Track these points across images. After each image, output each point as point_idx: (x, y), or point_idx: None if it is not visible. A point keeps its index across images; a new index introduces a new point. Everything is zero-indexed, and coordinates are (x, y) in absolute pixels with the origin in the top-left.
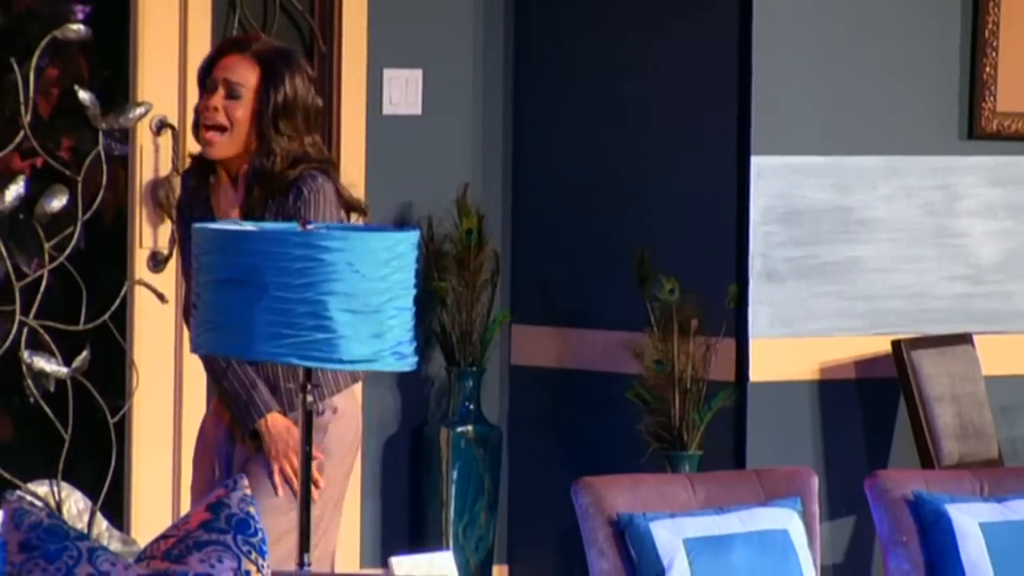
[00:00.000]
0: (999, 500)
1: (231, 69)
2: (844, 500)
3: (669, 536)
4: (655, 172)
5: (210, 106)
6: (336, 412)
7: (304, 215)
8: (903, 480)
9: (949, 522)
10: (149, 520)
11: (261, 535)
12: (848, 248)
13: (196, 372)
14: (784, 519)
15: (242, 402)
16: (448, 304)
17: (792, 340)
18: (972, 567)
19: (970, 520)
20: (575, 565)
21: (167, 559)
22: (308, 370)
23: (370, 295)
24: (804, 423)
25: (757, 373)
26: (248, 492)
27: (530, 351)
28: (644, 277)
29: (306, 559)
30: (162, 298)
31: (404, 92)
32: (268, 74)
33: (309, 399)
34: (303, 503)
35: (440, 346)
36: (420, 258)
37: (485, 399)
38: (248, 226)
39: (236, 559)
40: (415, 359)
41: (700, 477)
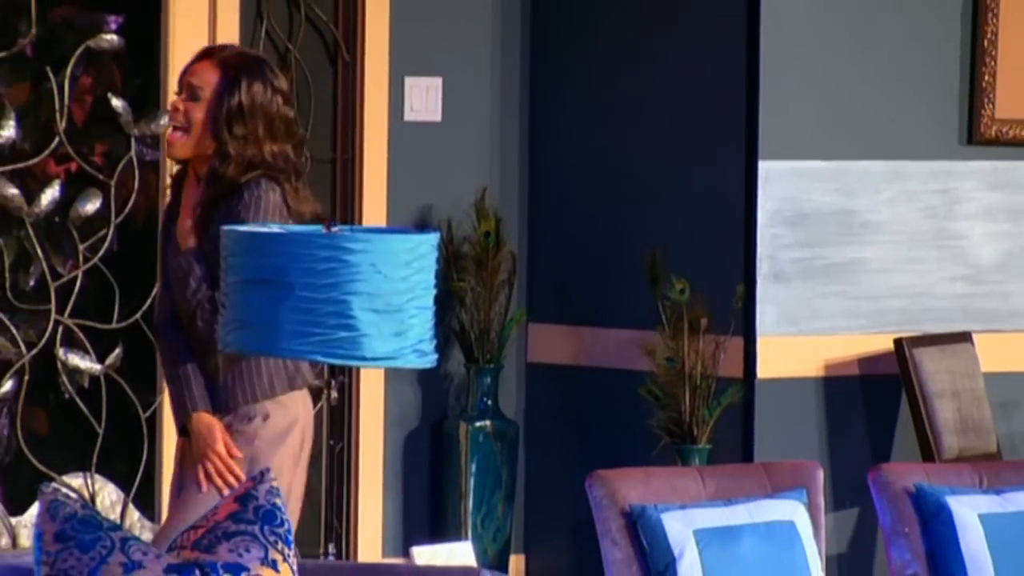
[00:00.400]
0: (998, 492)
1: (195, 73)
2: (848, 492)
3: (680, 527)
4: (666, 176)
5: (171, 108)
6: (267, 419)
7: (243, 219)
8: (905, 473)
9: (949, 513)
10: None
11: (287, 526)
12: (852, 250)
13: None
14: (790, 511)
15: (177, 398)
16: (467, 303)
17: (798, 338)
18: (972, 557)
19: (969, 512)
20: (589, 555)
21: (197, 549)
22: (332, 367)
23: (392, 295)
24: (810, 418)
25: (764, 370)
26: (275, 484)
27: (546, 349)
28: (656, 278)
29: (330, 549)
30: None
31: (425, 99)
32: (226, 78)
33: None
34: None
35: (459, 344)
36: (440, 259)
37: (503, 395)
38: (275, 228)
39: (263, 549)
40: (435, 356)
41: (709, 470)
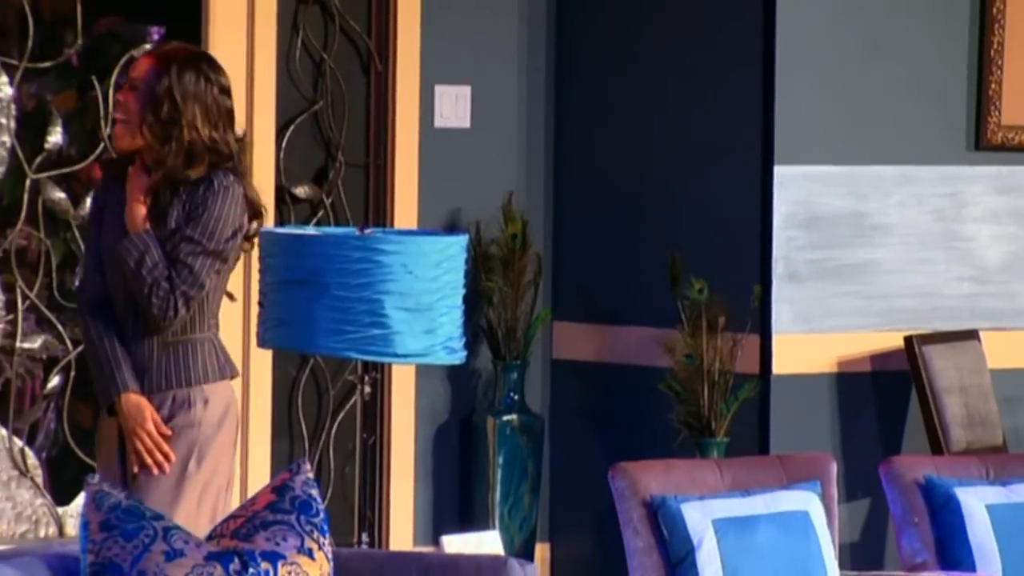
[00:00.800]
0: (1004, 483)
1: (136, 68)
2: (860, 484)
3: (699, 517)
4: (686, 181)
5: (116, 101)
6: (207, 404)
7: (211, 205)
8: (915, 465)
9: (957, 504)
10: None
11: (323, 515)
12: (864, 251)
13: (263, 364)
14: (805, 501)
15: (104, 378)
16: (494, 303)
17: (812, 336)
18: (979, 545)
19: (977, 502)
20: (612, 543)
21: (236, 537)
22: (365, 363)
23: (423, 294)
24: (823, 413)
25: (780, 366)
26: (310, 475)
27: (570, 346)
28: (675, 278)
29: (363, 537)
30: (231, 297)
31: (454, 107)
32: (157, 67)
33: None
34: (363, 484)
35: (487, 341)
36: (469, 260)
37: (528, 390)
38: (311, 231)
39: (299, 537)
40: (464, 353)
41: (727, 462)
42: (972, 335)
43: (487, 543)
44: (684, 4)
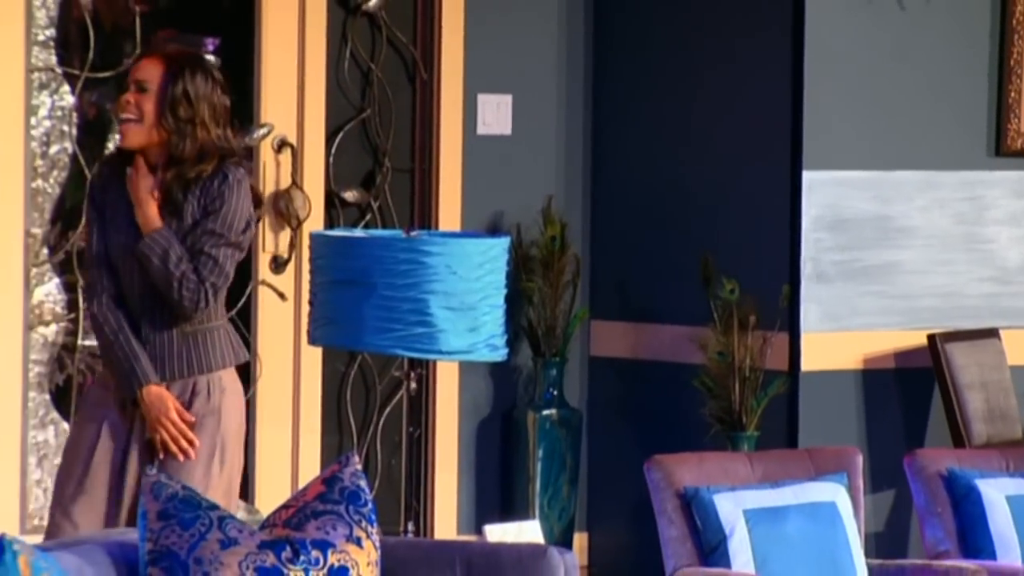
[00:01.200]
0: (1023, 475)
1: (141, 69)
2: (885, 476)
3: (730, 507)
4: (718, 185)
5: (122, 102)
6: (224, 392)
7: (228, 199)
8: (938, 458)
9: (979, 495)
10: (271, 492)
11: (370, 505)
12: (888, 253)
13: (313, 361)
14: (832, 492)
15: (124, 372)
16: (534, 302)
17: (839, 334)
18: (999, 534)
19: (997, 493)
20: (647, 532)
21: (287, 526)
22: (411, 360)
23: (466, 294)
24: (850, 407)
25: (808, 363)
26: (359, 467)
27: (607, 343)
28: (708, 278)
29: (409, 527)
30: (282, 296)
31: (496, 114)
32: (170, 70)
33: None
34: (408, 476)
35: (528, 339)
36: (510, 261)
37: (567, 386)
38: (359, 233)
39: (348, 527)
40: (505, 350)
41: (757, 455)
42: (992, 333)
43: (528, 532)
44: (716, 17)
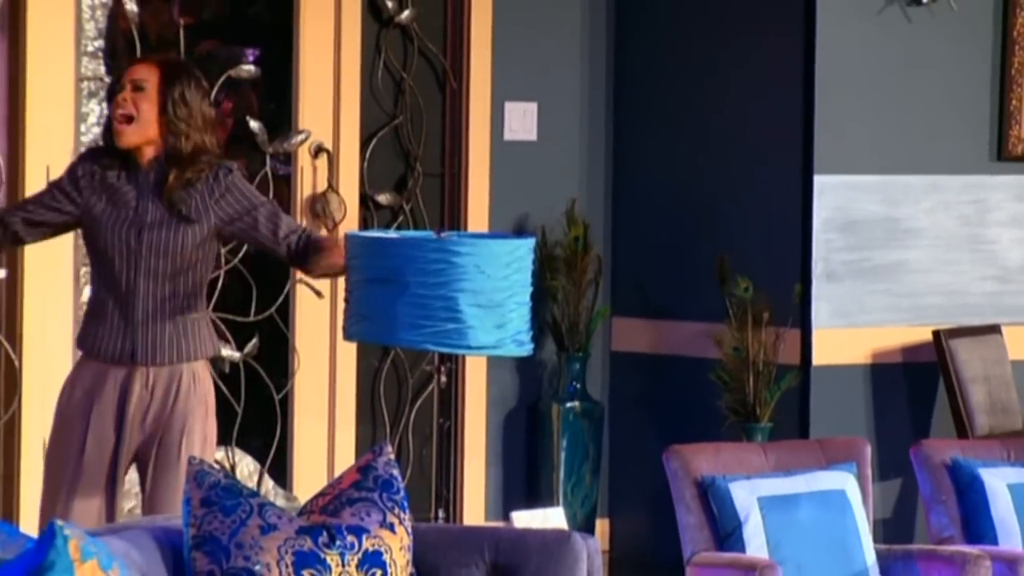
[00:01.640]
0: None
1: (137, 71)
2: (893, 465)
3: (745, 495)
4: (733, 189)
5: (119, 101)
6: (203, 381)
7: (240, 184)
8: (942, 448)
9: (982, 484)
10: (308, 480)
11: (403, 493)
12: (896, 253)
13: (348, 356)
14: (842, 481)
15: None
16: (559, 300)
17: (848, 330)
18: (1001, 521)
19: (999, 482)
20: (665, 519)
21: (324, 513)
22: (441, 354)
23: (494, 292)
24: (858, 400)
25: (819, 358)
26: (391, 457)
27: (628, 339)
28: (724, 277)
29: (439, 513)
30: (319, 294)
31: (522, 121)
32: (167, 73)
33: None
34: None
35: (552, 335)
36: (535, 261)
37: (590, 380)
38: (392, 234)
39: (382, 513)
40: (531, 346)
41: (771, 445)
42: (995, 329)
43: (552, 518)
44: (731, 28)
